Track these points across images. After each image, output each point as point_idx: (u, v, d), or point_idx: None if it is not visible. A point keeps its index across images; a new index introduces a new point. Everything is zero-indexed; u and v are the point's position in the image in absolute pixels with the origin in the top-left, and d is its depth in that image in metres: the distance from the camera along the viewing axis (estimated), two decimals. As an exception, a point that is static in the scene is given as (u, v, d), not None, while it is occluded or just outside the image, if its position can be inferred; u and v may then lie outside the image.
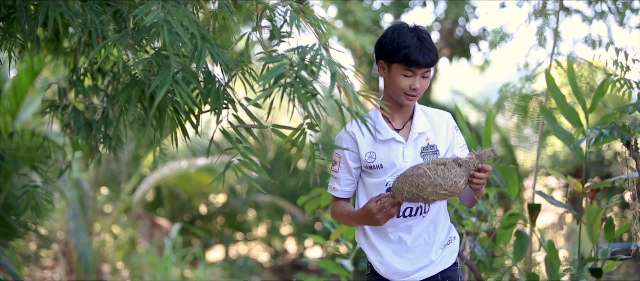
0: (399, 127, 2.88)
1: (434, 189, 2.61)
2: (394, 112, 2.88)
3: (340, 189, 2.91)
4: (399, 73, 2.79)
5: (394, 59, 2.79)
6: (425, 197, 2.62)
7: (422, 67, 2.76)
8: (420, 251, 2.86)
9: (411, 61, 2.75)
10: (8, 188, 3.82)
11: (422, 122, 2.87)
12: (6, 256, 4.66)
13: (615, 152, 9.27)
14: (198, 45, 2.44)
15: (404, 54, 2.75)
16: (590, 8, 5.95)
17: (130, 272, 9.08)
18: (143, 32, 2.50)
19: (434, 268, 2.87)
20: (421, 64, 2.75)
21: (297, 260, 11.54)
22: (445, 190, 2.61)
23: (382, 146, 2.84)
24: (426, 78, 2.80)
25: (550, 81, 4.08)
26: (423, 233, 2.87)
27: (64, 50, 3.97)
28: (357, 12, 10.57)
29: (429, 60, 2.75)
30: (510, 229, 4.09)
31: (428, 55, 2.75)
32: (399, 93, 2.81)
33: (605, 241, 3.92)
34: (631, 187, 3.60)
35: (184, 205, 10.51)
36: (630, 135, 3.55)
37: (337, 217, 2.95)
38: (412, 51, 2.75)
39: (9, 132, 4.49)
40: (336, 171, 2.91)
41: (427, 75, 2.80)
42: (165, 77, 2.38)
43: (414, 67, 2.75)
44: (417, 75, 2.77)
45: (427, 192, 2.61)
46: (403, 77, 2.78)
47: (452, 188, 2.61)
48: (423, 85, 2.80)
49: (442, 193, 2.61)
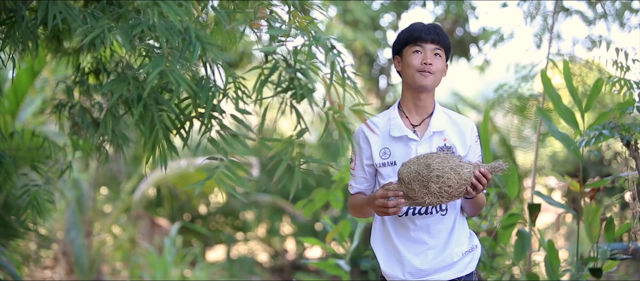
0: (417, 123, 2.88)
1: (442, 165, 2.60)
2: (412, 108, 2.89)
3: (355, 186, 2.93)
4: (409, 54, 2.84)
5: (405, 44, 2.87)
6: (429, 174, 2.59)
7: (428, 43, 2.82)
8: (440, 250, 2.86)
9: (417, 37, 2.83)
10: (8, 188, 3.81)
11: (440, 121, 2.87)
12: (6, 256, 4.66)
13: (615, 152, 9.27)
14: (191, 38, 2.43)
15: (410, 33, 2.86)
16: (590, 9, 5.95)
17: (130, 272, 9.07)
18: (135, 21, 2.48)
19: (453, 273, 2.86)
20: (427, 39, 2.82)
21: (296, 260, 11.54)
22: (452, 171, 2.59)
23: (397, 143, 2.85)
24: (438, 58, 2.84)
25: (546, 81, 4.09)
26: (442, 233, 2.86)
27: (65, 50, 3.97)
28: (356, 10, 10.56)
29: (434, 37, 2.83)
30: (511, 229, 4.09)
31: (434, 32, 2.84)
32: (413, 73, 2.84)
33: (605, 241, 3.92)
34: (631, 187, 3.60)
35: (183, 205, 10.51)
36: (630, 135, 3.55)
37: (352, 210, 2.98)
38: (418, 28, 2.86)
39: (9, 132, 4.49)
40: (353, 168, 2.93)
41: (439, 53, 2.84)
42: (158, 62, 2.36)
43: (421, 42, 2.82)
44: (426, 51, 2.83)
45: (434, 165, 2.60)
46: (414, 55, 2.83)
47: (458, 170, 2.60)
48: (437, 65, 2.84)
49: (447, 172, 2.60)
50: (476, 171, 2.65)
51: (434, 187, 2.61)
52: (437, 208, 2.85)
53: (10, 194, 3.96)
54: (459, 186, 2.62)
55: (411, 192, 2.65)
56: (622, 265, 7.84)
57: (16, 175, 3.83)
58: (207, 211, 11.26)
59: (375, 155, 2.86)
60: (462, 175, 2.62)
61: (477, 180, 2.65)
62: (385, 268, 2.90)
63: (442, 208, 2.86)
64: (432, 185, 2.61)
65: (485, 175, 2.66)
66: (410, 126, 2.87)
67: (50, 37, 3.84)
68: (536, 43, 5.58)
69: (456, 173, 2.61)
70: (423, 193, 2.63)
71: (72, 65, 3.91)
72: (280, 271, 11.46)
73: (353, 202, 2.94)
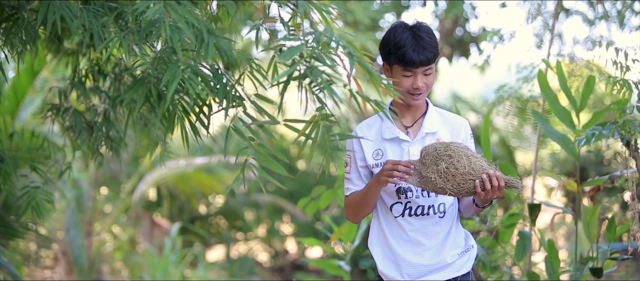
0: (409, 124, 2.87)
1: (459, 148, 2.62)
2: (405, 110, 2.87)
3: (352, 188, 2.90)
4: (399, 75, 2.77)
5: (393, 61, 2.77)
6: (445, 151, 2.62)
7: (418, 66, 2.73)
8: (436, 251, 2.85)
9: (406, 61, 2.72)
10: (8, 189, 3.81)
11: (433, 122, 2.86)
12: (6, 256, 4.66)
13: (615, 152, 9.26)
14: (204, 38, 2.42)
15: (399, 55, 2.73)
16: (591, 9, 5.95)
17: (130, 272, 9.07)
18: (146, 29, 2.49)
19: (449, 273, 2.85)
20: (417, 63, 2.72)
21: (297, 260, 11.54)
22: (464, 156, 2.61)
23: (389, 144, 2.84)
24: (429, 76, 2.77)
25: (543, 82, 4.09)
26: (438, 235, 2.85)
27: (65, 50, 3.97)
28: (357, 11, 10.56)
29: (424, 58, 2.72)
30: (511, 229, 4.09)
31: (423, 54, 2.72)
32: (404, 94, 2.79)
33: (605, 241, 3.92)
34: (631, 187, 3.60)
35: (183, 205, 10.50)
36: (630, 135, 3.55)
37: (351, 207, 2.90)
38: (406, 51, 2.72)
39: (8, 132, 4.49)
40: (348, 172, 2.91)
41: (429, 72, 2.77)
42: (175, 72, 2.36)
43: (410, 66, 2.73)
44: (417, 74, 2.75)
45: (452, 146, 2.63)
46: (404, 78, 2.77)
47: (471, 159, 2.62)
48: (427, 83, 2.77)
49: (460, 155, 2.61)
50: (490, 170, 2.64)
51: (443, 165, 2.62)
52: (434, 210, 2.84)
53: (10, 194, 3.96)
54: (466, 174, 2.61)
55: (423, 167, 2.66)
56: (622, 265, 7.83)
57: (16, 176, 3.83)
58: (207, 212, 11.26)
59: (368, 157, 2.85)
60: (473, 164, 2.62)
61: (490, 178, 2.62)
62: (383, 268, 2.90)
63: (440, 210, 2.85)
64: (442, 163, 2.62)
65: (499, 179, 2.62)
66: (402, 127, 2.86)
67: (52, 37, 3.84)
68: (537, 43, 5.57)
69: (467, 160, 2.62)
70: (432, 169, 2.64)
71: (71, 66, 3.91)
72: (280, 271, 11.45)
73: (350, 199, 2.90)
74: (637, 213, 3.53)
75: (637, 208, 3.54)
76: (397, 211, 2.86)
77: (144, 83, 2.57)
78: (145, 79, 2.58)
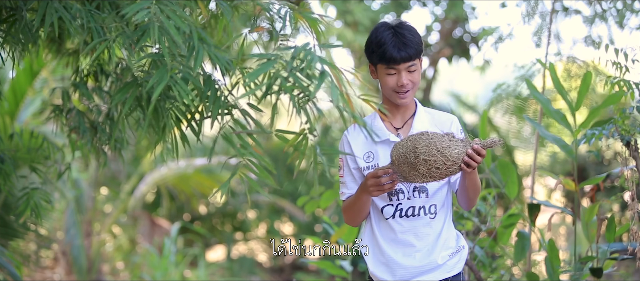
0: (399, 125, 2.87)
1: (428, 148, 2.56)
2: (394, 111, 2.87)
3: (347, 192, 2.90)
4: (383, 74, 2.77)
5: (376, 60, 2.77)
6: (417, 159, 2.56)
7: (400, 63, 2.72)
8: (427, 252, 2.85)
9: (387, 58, 2.71)
10: (8, 189, 3.82)
11: (422, 122, 2.85)
12: (6, 256, 4.65)
13: (615, 152, 9.27)
14: (195, 45, 2.42)
15: (380, 53, 2.73)
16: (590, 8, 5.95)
17: (130, 272, 9.07)
18: (136, 33, 2.48)
19: (439, 274, 2.86)
20: (398, 59, 2.71)
21: (296, 260, 11.54)
22: (439, 153, 2.56)
23: (380, 146, 2.84)
24: (413, 73, 2.76)
25: (531, 85, 4.10)
26: (429, 236, 2.84)
27: (66, 50, 3.97)
28: (356, 12, 10.57)
29: (405, 54, 2.71)
30: (510, 229, 4.09)
31: (405, 50, 2.71)
32: (390, 93, 2.79)
33: (605, 241, 3.92)
34: (631, 187, 3.60)
35: (183, 205, 10.51)
36: (630, 135, 3.55)
37: (347, 213, 2.90)
38: (387, 48, 2.71)
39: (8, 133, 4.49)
40: (342, 176, 2.90)
41: (413, 69, 2.75)
42: (162, 75, 2.35)
43: (392, 63, 2.72)
44: (400, 71, 2.74)
45: (421, 149, 2.56)
46: (388, 76, 2.76)
47: (445, 152, 2.57)
48: (412, 80, 2.76)
49: (434, 154, 2.56)
50: (468, 149, 2.62)
51: (423, 169, 2.59)
52: (425, 211, 2.84)
53: (10, 195, 3.96)
54: (448, 167, 2.60)
55: (402, 173, 2.64)
56: (622, 264, 7.84)
57: (15, 176, 3.83)
58: (207, 212, 11.26)
59: (359, 159, 2.85)
60: (449, 156, 2.58)
61: (471, 157, 2.61)
62: (373, 269, 2.90)
63: (431, 211, 2.85)
64: (421, 167, 2.59)
65: (479, 152, 2.61)
66: (392, 129, 2.86)
67: (52, 38, 3.84)
68: (535, 43, 5.57)
69: (443, 156, 2.58)
70: (413, 174, 2.62)
71: (72, 67, 3.90)
72: (280, 271, 11.46)
73: (346, 205, 2.90)
74: (637, 213, 3.53)
75: (637, 208, 3.54)
76: (388, 213, 2.86)
77: (133, 85, 2.56)
78: (135, 82, 2.57)
